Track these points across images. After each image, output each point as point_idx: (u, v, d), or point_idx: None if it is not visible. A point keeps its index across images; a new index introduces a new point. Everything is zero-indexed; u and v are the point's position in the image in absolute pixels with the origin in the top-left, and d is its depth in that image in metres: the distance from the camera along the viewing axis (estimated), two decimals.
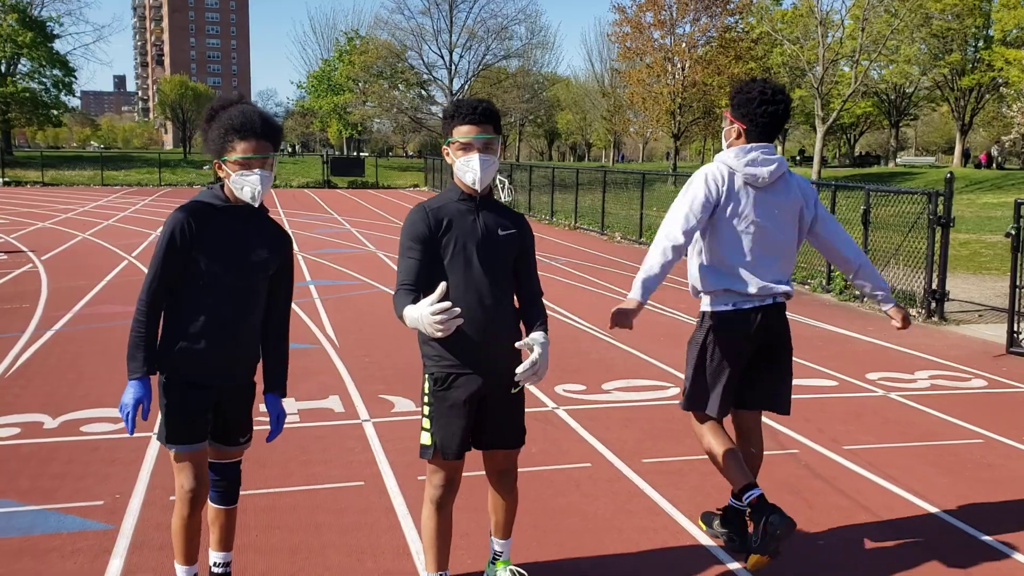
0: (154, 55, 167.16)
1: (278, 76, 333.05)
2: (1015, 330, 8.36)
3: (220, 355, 3.04)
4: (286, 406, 5.81)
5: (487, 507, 3.49)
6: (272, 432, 3.26)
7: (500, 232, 3.17)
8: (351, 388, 6.53)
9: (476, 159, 3.08)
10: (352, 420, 5.76)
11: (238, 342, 3.07)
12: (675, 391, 6.55)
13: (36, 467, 4.81)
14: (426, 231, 3.09)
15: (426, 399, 3.19)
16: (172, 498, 3.26)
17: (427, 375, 3.19)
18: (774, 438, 5.53)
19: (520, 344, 3.06)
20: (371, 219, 23.18)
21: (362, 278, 12.27)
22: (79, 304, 9.87)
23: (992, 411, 6.29)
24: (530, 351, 3.04)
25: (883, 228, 11.03)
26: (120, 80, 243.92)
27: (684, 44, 42.77)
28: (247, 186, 2.97)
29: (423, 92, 60.28)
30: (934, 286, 9.92)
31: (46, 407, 5.91)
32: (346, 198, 33.26)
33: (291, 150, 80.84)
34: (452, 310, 2.82)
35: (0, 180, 38.64)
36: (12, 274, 12.07)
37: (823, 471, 4.99)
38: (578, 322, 9.18)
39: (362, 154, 72.20)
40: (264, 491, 4.50)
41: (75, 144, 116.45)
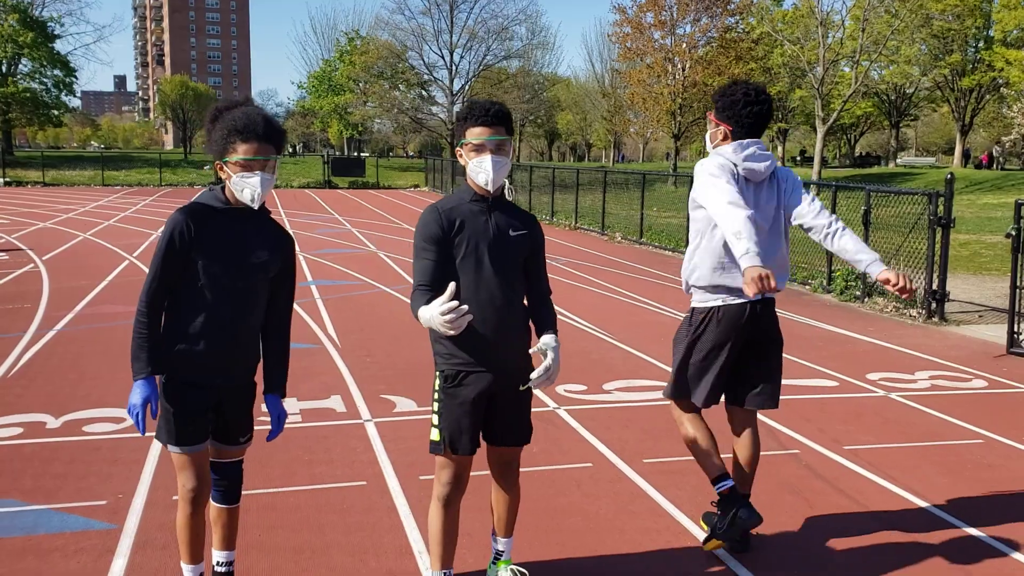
0: (154, 55, 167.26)
1: (279, 76, 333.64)
2: (1015, 331, 8.37)
3: (219, 356, 3.05)
4: (288, 406, 5.85)
5: (489, 506, 3.51)
6: (272, 432, 3.28)
7: (511, 232, 3.21)
8: (353, 388, 6.54)
9: (488, 160, 3.12)
10: (354, 420, 5.77)
11: (237, 343, 3.08)
12: None
13: (39, 467, 4.82)
14: (439, 232, 3.13)
15: (436, 395, 3.23)
16: (175, 498, 3.27)
17: (438, 372, 3.23)
18: (775, 438, 5.55)
19: (533, 350, 3.16)
20: (372, 219, 23.19)
21: (363, 278, 12.28)
22: (80, 304, 9.88)
23: (992, 411, 6.31)
24: (543, 356, 3.14)
25: (884, 229, 11.05)
26: (120, 80, 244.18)
27: (684, 44, 42.75)
28: (247, 188, 2.98)
29: (424, 92, 60.27)
30: (934, 287, 9.93)
31: (48, 407, 5.92)
32: (347, 198, 33.27)
33: (292, 150, 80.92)
34: (460, 308, 2.87)
35: (1, 180, 38.66)
36: (13, 274, 12.09)
37: (824, 471, 5.01)
38: (579, 322, 9.19)
39: (363, 154, 72.30)
40: (267, 491, 4.51)
41: (75, 144, 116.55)
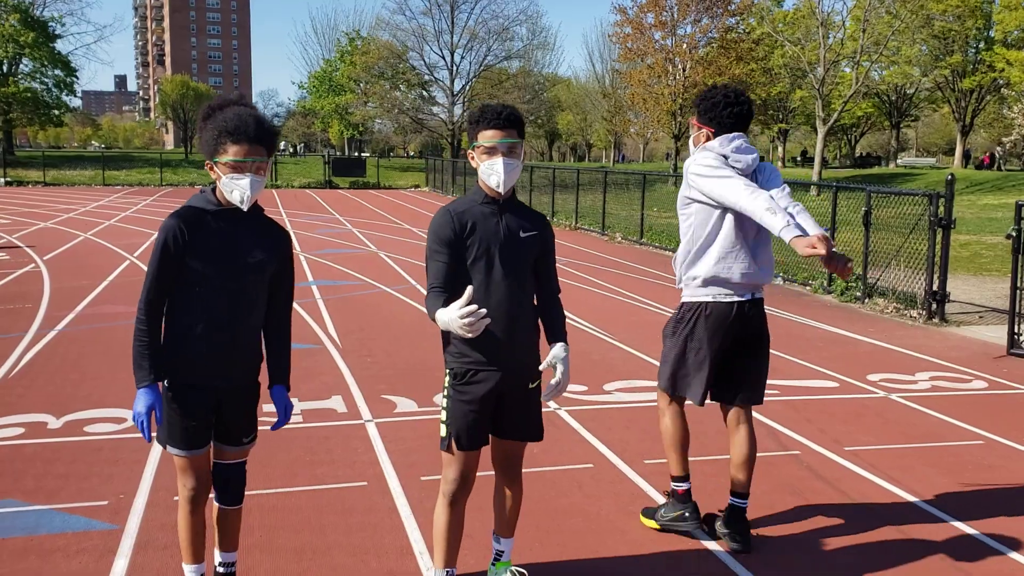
0: (155, 55, 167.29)
1: (279, 76, 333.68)
2: (1016, 331, 8.37)
3: (218, 357, 3.05)
4: None
5: (491, 506, 3.52)
6: (279, 421, 3.27)
7: (522, 234, 3.25)
8: (354, 388, 6.55)
9: (500, 163, 3.15)
10: (355, 420, 5.78)
11: (236, 344, 3.08)
12: None
13: (40, 467, 4.83)
14: (451, 234, 3.17)
15: (445, 392, 3.27)
16: (176, 498, 3.28)
17: (448, 370, 3.27)
18: (775, 439, 5.55)
19: (544, 365, 3.23)
20: (372, 219, 23.20)
21: (364, 278, 12.28)
22: (82, 304, 9.89)
23: (993, 412, 6.31)
24: (553, 370, 3.22)
25: (884, 229, 11.05)
26: (121, 80, 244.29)
27: (685, 45, 42.76)
28: (236, 190, 2.97)
29: (424, 93, 60.30)
30: (935, 287, 9.94)
31: (50, 407, 5.93)
32: (347, 198, 33.27)
33: (293, 150, 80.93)
34: (479, 312, 2.91)
35: (2, 180, 38.67)
36: (15, 274, 12.09)
37: (824, 472, 5.01)
38: (579, 322, 9.19)
39: (363, 154, 72.30)
40: (269, 491, 4.52)
41: (76, 144, 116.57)
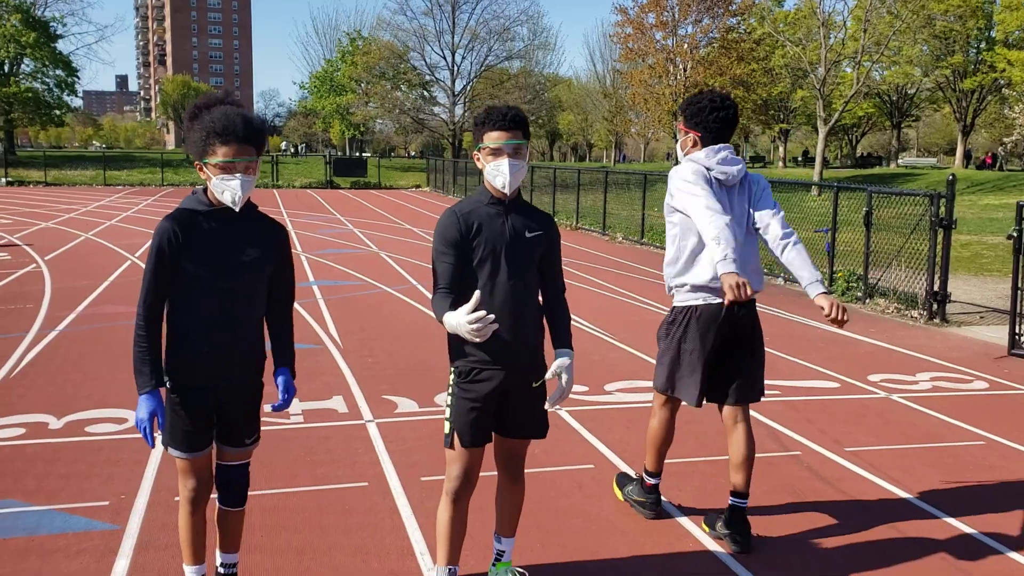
0: (156, 55, 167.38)
1: (280, 76, 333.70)
2: (1017, 332, 8.37)
3: (217, 358, 3.05)
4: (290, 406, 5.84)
5: (493, 506, 3.52)
6: (280, 403, 3.16)
7: (527, 234, 3.26)
8: (354, 389, 6.55)
9: (506, 163, 3.17)
10: (356, 420, 5.78)
11: (236, 343, 3.08)
12: None
13: (41, 467, 4.83)
14: (457, 236, 3.18)
15: (449, 390, 3.29)
16: (177, 498, 3.28)
17: (452, 368, 3.28)
18: (776, 439, 5.55)
19: (549, 375, 3.24)
20: (373, 219, 23.20)
21: (365, 278, 12.28)
22: (83, 304, 9.90)
23: (993, 413, 6.31)
24: (558, 379, 3.23)
25: (885, 229, 11.06)
26: (122, 80, 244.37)
27: (686, 45, 42.72)
28: (227, 191, 2.97)
29: (425, 93, 60.31)
30: (936, 288, 9.93)
31: (50, 407, 5.93)
32: (348, 198, 33.28)
33: (294, 150, 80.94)
34: (487, 318, 2.93)
35: (3, 180, 38.70)
36: (16, 274, 12.10)
37: (825, 472, 5.01)
38: (580, 322, 9.19)
39: (364, 154, 72.35)
40: (270, 492, 4.52)
41: (77, 144, 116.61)
